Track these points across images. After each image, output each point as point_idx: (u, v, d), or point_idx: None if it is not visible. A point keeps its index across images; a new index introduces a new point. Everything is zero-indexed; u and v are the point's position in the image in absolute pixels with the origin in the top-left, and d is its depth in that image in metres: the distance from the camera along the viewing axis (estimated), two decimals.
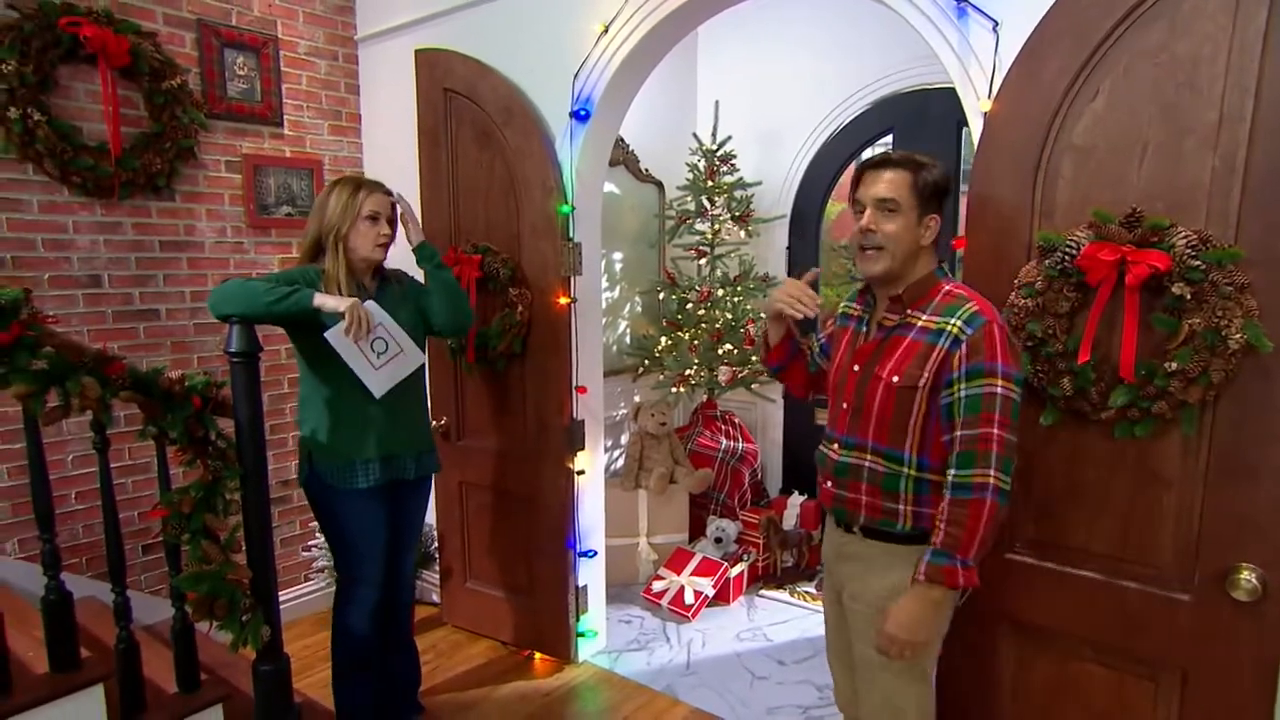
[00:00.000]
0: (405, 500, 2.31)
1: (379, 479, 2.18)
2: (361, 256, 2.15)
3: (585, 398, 2.82)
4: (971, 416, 1.47)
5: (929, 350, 1.53)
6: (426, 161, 2.97)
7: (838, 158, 3.83)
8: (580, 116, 2.63)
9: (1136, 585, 1.72)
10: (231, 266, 3.05)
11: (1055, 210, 1.77)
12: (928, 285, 1.59)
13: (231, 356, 1.87)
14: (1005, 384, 1.48)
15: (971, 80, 1.92)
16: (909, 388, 1.54)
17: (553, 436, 2.81)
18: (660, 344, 3.82)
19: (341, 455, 2.15)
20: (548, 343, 2.77)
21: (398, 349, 2.13)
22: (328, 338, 2.03)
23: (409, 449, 2.25)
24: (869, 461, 1.62)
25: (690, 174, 3.81)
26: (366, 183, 2.16)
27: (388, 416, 2.18)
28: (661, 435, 3.70)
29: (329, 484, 2.16)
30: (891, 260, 1.58)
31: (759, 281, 3.81)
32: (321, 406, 2.15)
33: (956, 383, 1.50)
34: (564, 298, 2.71)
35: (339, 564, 2.26)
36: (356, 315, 2.00)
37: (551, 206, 2.68)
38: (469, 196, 2.88)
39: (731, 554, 3.62)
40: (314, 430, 2.17)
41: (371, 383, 2.09)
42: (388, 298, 2.23)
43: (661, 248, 4.10)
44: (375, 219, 2.14)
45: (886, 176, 1.57)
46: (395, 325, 2.12)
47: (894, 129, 3.64)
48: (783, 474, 4.17)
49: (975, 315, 1.51)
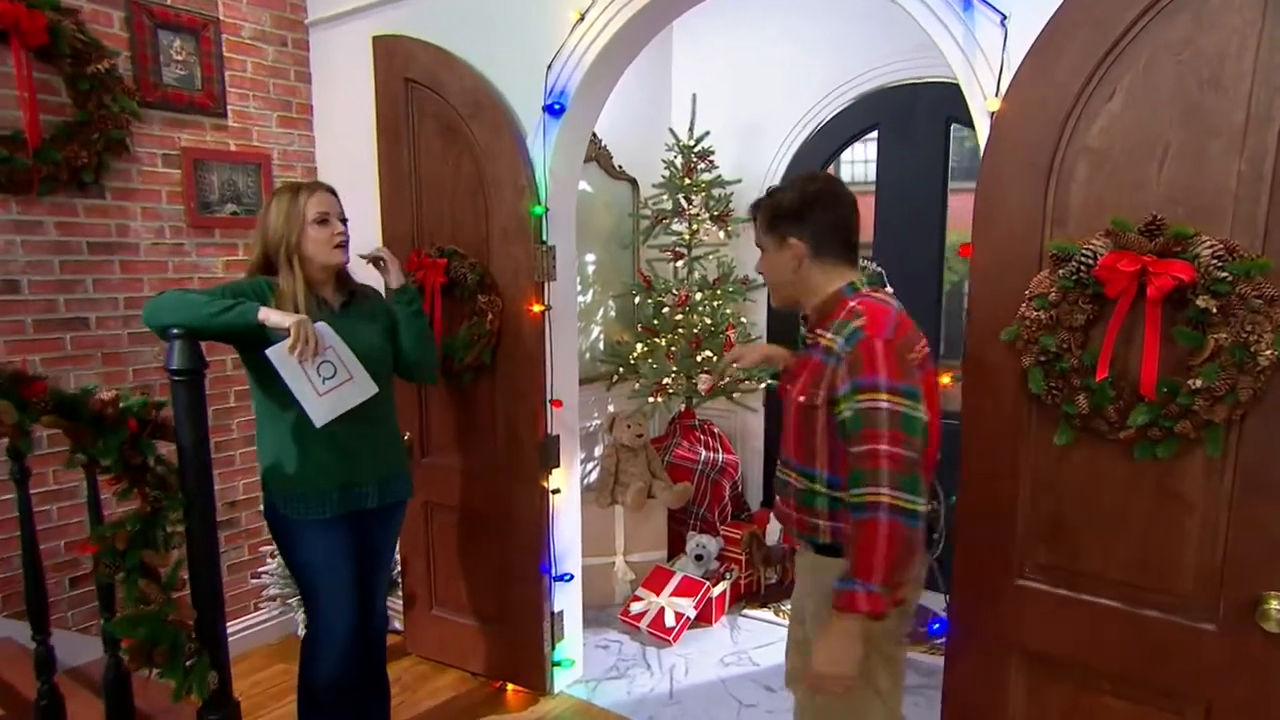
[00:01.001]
0: (369, 530, 2.20)
1: (337, 510, 2.06)
2: (321, 264, 2.04)
3: (561, 412, 2.73)
4: (856, 433, 1.47)
5: (823, 369, 1.57)
6: (386, 158, 2.85)
7: (821, 155, 3.78)
8: (554, 111, 2.54)
9: (1157, 614, 1.68)
10: (170, 270, 2.88)
11: (1069, 217, 1.72)
12: (833, 303, 1.63)
13: (173, 374, 1.75)
14: (891, 398, 1.45)
15: (978, 77, 1.87)
16: (810, 406, 1.59)
17: (525, 453, 2.72)
18: (635, 351, 3.74)
19: (295, 485, 2.03)
20: (519, 353, 2.67)
21: (346, 375, 1.99)
22: (269, 355, 1.90)
23: (369, 476, 2.13)
24: (793, 478, 1.68)
25: (666, 171, 3.73)
26: (305, 185, 2.06)
27: (346, 441, 2.06)
28: (638, 447, 3.61)
29: (284, 515, 2.04)
30: (776, 292, 1.75)
31: (739, 285, 3.75)
32: (273, 432, 2.04)
33: (843, 400, 1.51)
34: (537, 305, 2.61)
35: (305, 607, 2.13)
36: (303, 333, 1.88)
37: (523, 207, 2.58)
38: (433, 196, 2.77)
39: (713, 572, 3.55)
40: (266, 457, 2.06)
41: (312, 408, 1.95)
42: (352, 316, 2.12)
43: (636, 249, 4.02)
44: (324, 220, 2.03)
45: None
46: (347, 350, 2.00)
47: (879, 125, 3.61)
48: (764, 486, 4.11)
49: (856, 331, 1.52)
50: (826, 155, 3.77)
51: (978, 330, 1.86)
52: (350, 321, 2.09)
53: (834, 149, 3.76)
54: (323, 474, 2.04)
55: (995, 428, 1.84)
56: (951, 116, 3.39)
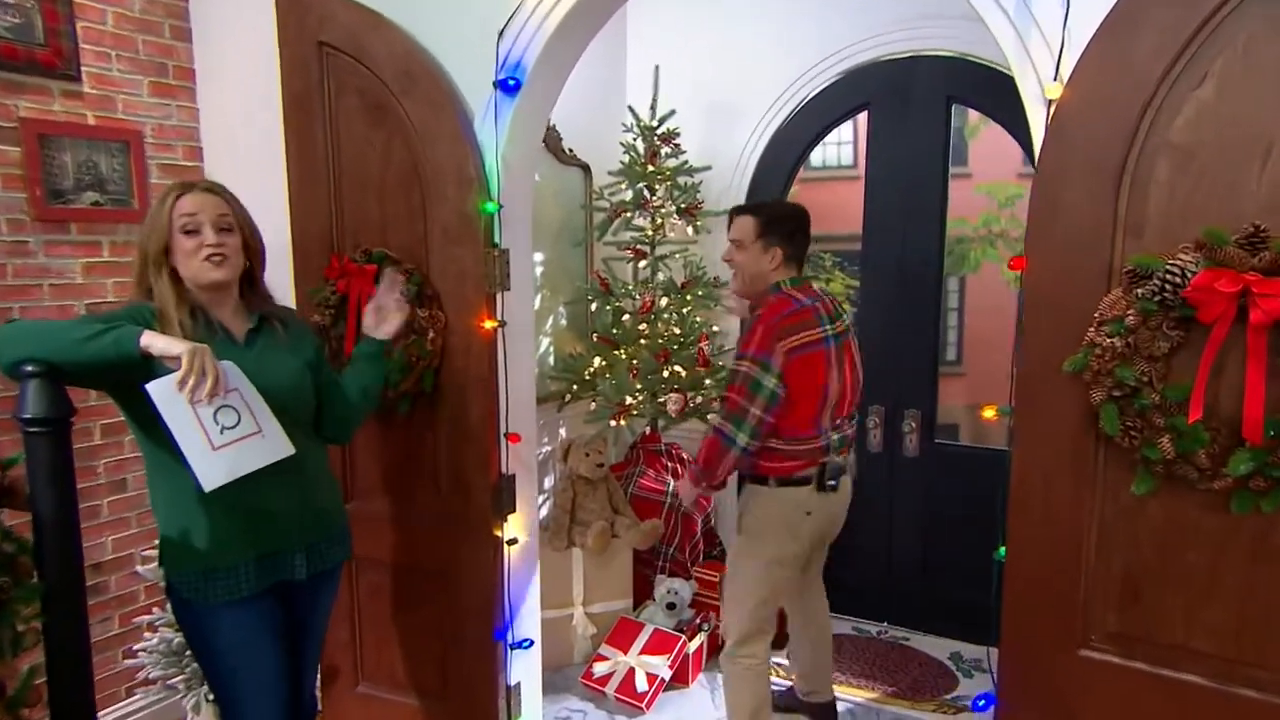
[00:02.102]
0: (298, 605, 1.99)
1: (254, 586, 1.83)
2: (195, 283, 1.81)
3: (518, 447, 2.53)
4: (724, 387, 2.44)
5: None
6: (295, 139, 2.60)
7: (802, 138, 3.70)
8: (508, 88, 2.34)
9: (1254, 693, 1.61)
10: (9, 276, 2.54)
11: (1145, 225, 1.63)
12: (763, 297, 2.49)
13: (27, 425, 1.53)
14: (748, 364, 2.34)
15: (1032, 58, 1.75)
16: None
17: (475, 498, 2.52)
18: (592, 365, 3.56)
19: (199, 559, 1.79)
20: (468, 378, 2.47)
21: (253, 428, 1.73)
22: (149, 391, 1.62)
23: (296, 541, 1.91)
24: None
25: (627, 155, 3.57)
26: (187, 184, 1.84)
27: (264, 498, 1.83)
28: (598, 479, 3.44)
29: (187, 599, 1.80)
30: (744, 281, 2.58)
31: (710, 288, 3.62)
32: (169, 491, 1.79)
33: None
34: (489, 320, 2.42)
35: (221, 709, 1.90)
36: (198, 363, 1.62)
37: (470, 203, 2.38)
38: (357, 188, 2.55)
39: (688, 622, 3.40)
40: (161, 524, 1.82)
41: (201, 466, 1.67)
42: (260, 347, 1.89)
43: (589, 246, 3.85)
44: (193, 230, 1.78)
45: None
46: (258, 397, 1.76)
47: (870, 104, 3.53)
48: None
49: (754, 318, 2.41)
50: (810, 138, 3.69)
51: (1033, 358, 1.77)
52: (257, 354, 1.87)
53: (818, 131, 3.68)
54: (234, 543, 1.81)
55: (1054, 473, 1.76)
56: (952, 96, 3.32)
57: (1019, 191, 5.81)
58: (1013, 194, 5.75)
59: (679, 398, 3.41)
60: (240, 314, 1.90)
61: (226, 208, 1.84)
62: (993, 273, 6.08)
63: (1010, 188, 5.86)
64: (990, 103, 3.30)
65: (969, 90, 3.29)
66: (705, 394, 3.51)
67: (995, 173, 6.01)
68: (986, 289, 6.27)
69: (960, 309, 4.79)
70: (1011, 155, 5.87)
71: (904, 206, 3.48)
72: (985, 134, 5.38)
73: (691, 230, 3.64)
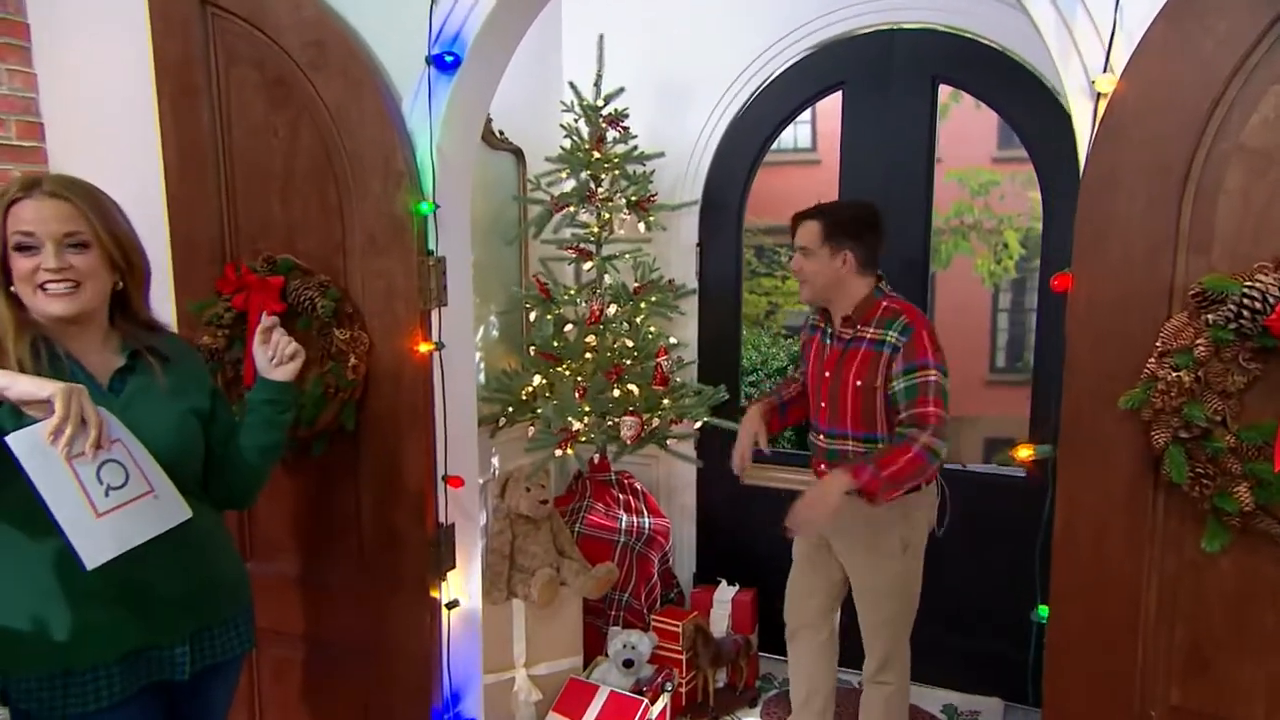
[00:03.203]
0: (181, 709, 1.80)
1: (118, 693, 1.63)
2: (40, 314, 1.61)
3: (459, 492, 2.40)
4: (911, 400, 2.43)
5: (877, 357, 2.50)
6: (173, 118, 2.42)
7: (767, 121, 3.64)
8: (444, 64, 2.20)
9: None
10: None
11: (1213, 240, 1.59)
12: (868, 304, 2.55)
13: None
14: (936, 374, 2.44)
15: (1078, 46, 1.70)
16: (869, 388, 2.52)
17: (407, 554, 2.39)
18: (530, 384, 3.42)
19: (46, 659, 1.58)
20: (397, 411, 2.33)
21: (144, 487, 1.55)
22: (9, 443, 1.42)
23: (176, 631, 1.71)
24: (851, 445, 2.60)
25: (568, 140, 3.43)
26: (29, 181, 1.60)
27: (137, 578, 1.63)
28: (541, 518, 3.30)
29: (26, 710, 1.60)
30: (814, 291, 2.61)
31: (666, 292, 3.52)
32: (6, 572, 1.59)
33: (896, 378, 2.46)
34: (423, 343, 2.28)
35: None
36: (75, 408, 1.43)
37: (399, 203, 2.24)
38: (255, 181, 2.38)
39: (647, 681, 3.29)
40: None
41: (84, 538, 1.47)
42: (133, 390, 1.70)
43: (524, 245, 3.70)
44: (29, 248, 1.57)
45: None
46: (143, 451, 1.58)
47: (845, 83, 3.49)
48: (697, 555, 3.95)
49: (906, 326, 2.47)
50: (776, 122, 3.64)
51: (1079, 391, 1.73)
52: (125, 401, 1.67)
53: (787, 113, 3.63)
54: (96, 637, 1.61)
55: (1106, 523, 1.72)
56: (938, 76, 3.30)
57: (994, 178, 5.90)
58: (986, 180, 5.83)
59: (634, 421, 3.28)
60: (109, 347, 1.71)
61: (80, 219, 1.59)
62: (964, 268, 6.15)
63: (983, 174, 5.94)
64: (980, 83, 3.28)
65: (956, 68, 3.27)
66: (663, 415, 3.40)
67: (967, 157, 6.05)
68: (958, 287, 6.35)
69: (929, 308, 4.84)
70: (984, 138, 5.99)
71: (883, 197, 3.42)
72: (955, 113, 5.46)
73: (644, 227, 3.52)
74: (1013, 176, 5.71)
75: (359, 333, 2.30)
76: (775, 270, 5.90)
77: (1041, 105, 3.07)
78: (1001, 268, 5.71)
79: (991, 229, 5.73)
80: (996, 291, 5.91)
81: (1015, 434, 5.45)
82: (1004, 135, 5.87)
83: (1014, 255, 5.69)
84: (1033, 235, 5.75)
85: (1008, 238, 5.65)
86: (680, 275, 3.71)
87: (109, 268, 1.65)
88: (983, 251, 5.72)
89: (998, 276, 5.75)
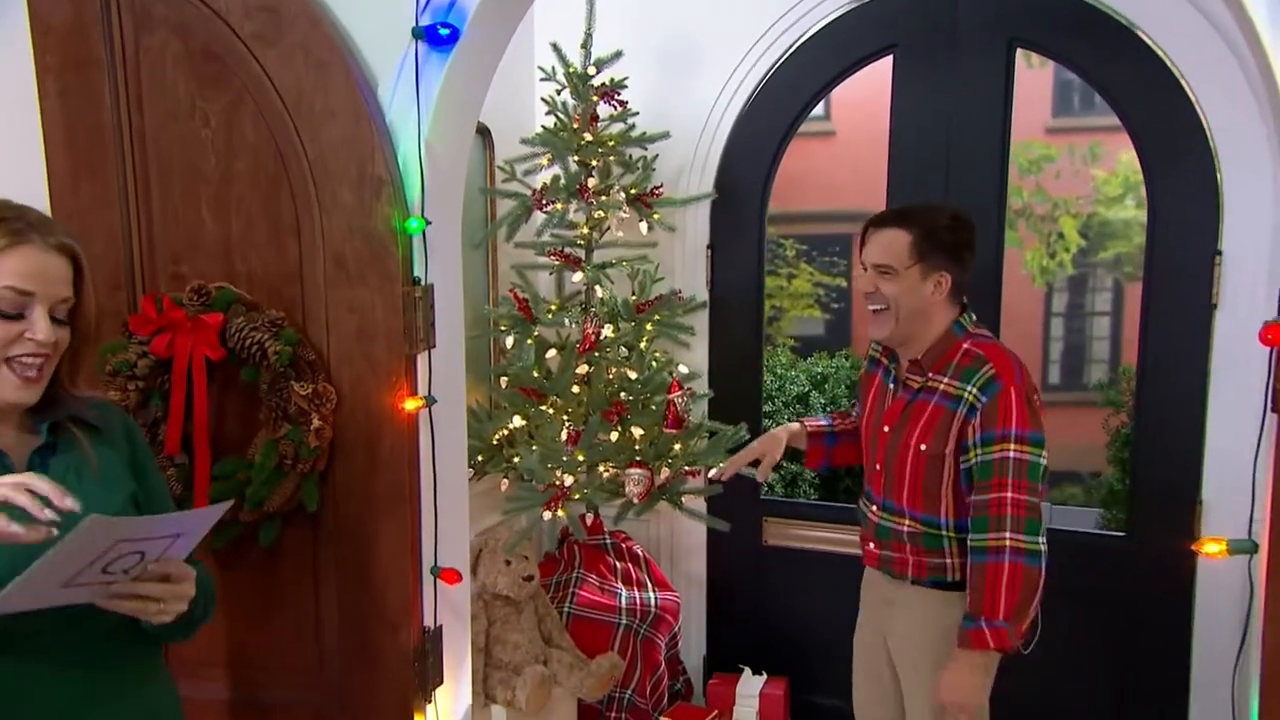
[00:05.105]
0: None
1: None
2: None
3: (453, 590, 2.39)
4: (984, 482, 2.27)
5: (950, 417, 2.32)
6: (56, 103, 2.42)
7: (796, 93, 3.62)
8: (437, 38, 2.19)
9: None
10: None
11: None
12: (946, 344, 2.37)
13: None
14: (1019, 447, 2.24)
15: None
16: (936, 456, 2.35)
17: (383, 672, 2.37)
18: (507, 426, 3.33)
19: None
20: (372, 488, 2.33)
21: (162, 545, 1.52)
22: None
23: None
24: (908, 526, 2.43)
25: (550, 117, 3.37)
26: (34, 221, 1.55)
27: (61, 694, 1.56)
28: (524, 599, 3.23)
29: None
30: (897, 322, 2.37)
31: (676, 308, 3.47)
32: None
33: (973, 449, 2.29)
34: (409, 399, 2.26)
35: None
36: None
37: (379, 217, 2.23)
38: (174, 185, 2.39)
39: None
40: None
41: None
42: (62, 470, 1.61)
43: (493, 249, 3.65)
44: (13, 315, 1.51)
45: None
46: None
47: (896, 46, 3.48)
48: (708, 635, 3.92)
49: (991, 381, 2.27)
50: (810, 95, 3.63)
51: None
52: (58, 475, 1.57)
53: (822, 85, 3.61)
54: None
55: None
56: (1015, 39, 3.30)
57: (1049, 152, 5.86)
58: (1040, 156, 5.79)
59: (642, 475, 3.20)
60: (26, 422, 1.62)
61: (71, 283, 1.57)
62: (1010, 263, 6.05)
63: (1035, 146, 5.89)
64: (1071, 49, 3.28)
65: (1040, 30, 3.27)
66: (674, 464, 3.33)
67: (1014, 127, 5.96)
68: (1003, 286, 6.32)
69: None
70: (1036, 103, 5.97)
71: (943, 189, 3.45)
72: None
73: (645, 227, 3.45)
74: (1071, 150, 5.66)
75: (323, 386, 2.30)
76: (780, 268, 5.85)
77: (1150, 75, 3.08)
78: (1056, 262, 5.66)
79: (1044, 215, 5.69)
80: (1050, 292, 5.85)
81: (1077, 466, 5.47)
82: (1060, 99, 5.87)
83: (1071, 247, 5.62)
84: (1095, 223, 5.77)
85: (1064, 225, 5.59)
86: (687, 285, 3.69)
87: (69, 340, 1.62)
88: (1033, 243, 5.62)
89: (1051, 274, 5.69)
